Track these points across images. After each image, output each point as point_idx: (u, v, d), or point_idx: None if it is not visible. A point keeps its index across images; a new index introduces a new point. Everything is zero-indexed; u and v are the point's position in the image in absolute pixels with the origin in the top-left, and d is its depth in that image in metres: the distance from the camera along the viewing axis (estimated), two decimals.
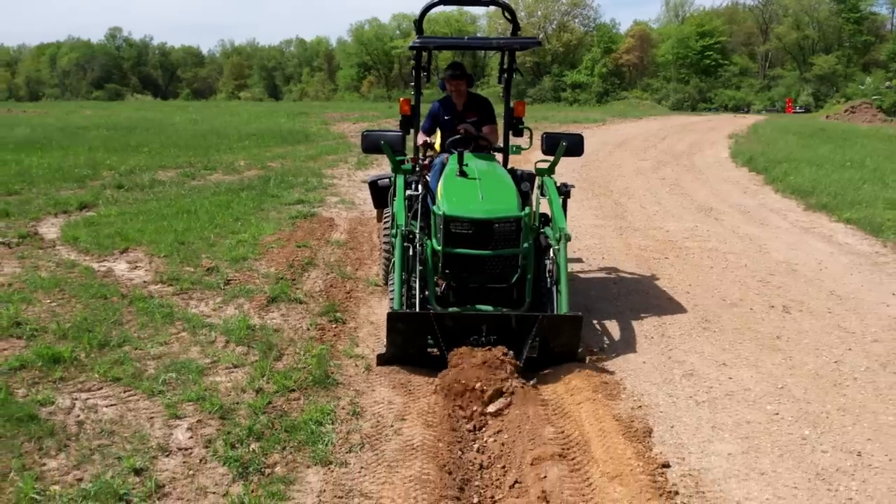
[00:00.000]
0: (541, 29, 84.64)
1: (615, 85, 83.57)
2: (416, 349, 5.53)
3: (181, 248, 8.78)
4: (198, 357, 5.79)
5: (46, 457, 4.30)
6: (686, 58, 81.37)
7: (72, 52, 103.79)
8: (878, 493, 4.11)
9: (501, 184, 6.24)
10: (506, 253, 5.82)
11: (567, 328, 5.46)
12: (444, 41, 7.20)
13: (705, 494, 4.11)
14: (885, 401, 5.27)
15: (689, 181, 16.23)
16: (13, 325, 6.19)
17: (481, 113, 7.33)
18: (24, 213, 10.85)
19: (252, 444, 4.51)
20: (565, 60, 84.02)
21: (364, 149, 6.93)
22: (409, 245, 5.94)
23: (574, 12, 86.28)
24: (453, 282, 6.00)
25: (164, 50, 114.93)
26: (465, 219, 5.77)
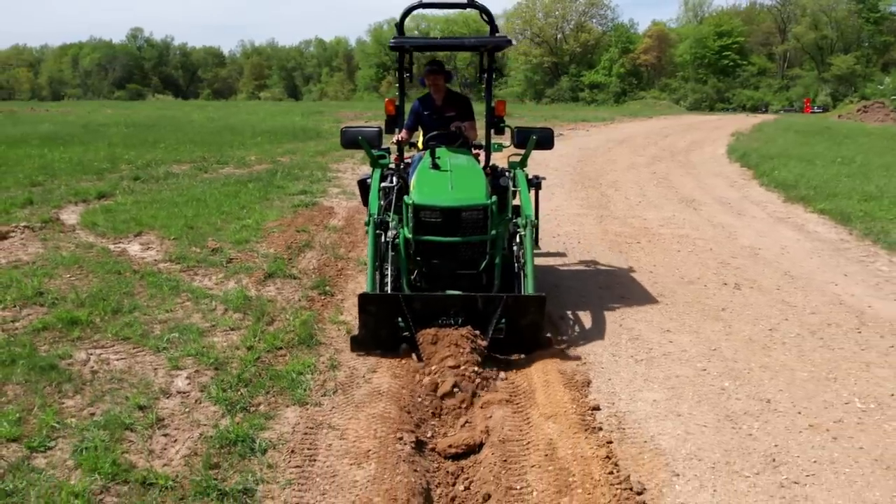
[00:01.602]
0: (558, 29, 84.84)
1: (633, 85, 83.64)
2: (387, 331, 5.76)
3: (190, 232, 9.55)
4: (199, 321, 6.53)
5: (65, 397, 5.04)
6: (704, 58, 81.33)
7: (94, 52, 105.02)
8: (774, 431, 4.78)
9: (471, 175, 6.40)
10: (474, 240, 6.05)
11: (531, 308, 5.67)
12: (419, 41, 7.50)
13: (625, 430, 4.81)
14: (804, 361, 5.93)
15: (678, 175, 16.86)
16: (36, 295, 6.98)
17: (460, 109, 7.49)
18: (46, 201, 11.69)
19: (241, 389, 5.24)
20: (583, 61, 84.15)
21: (342, 144, 7.18)
22: (382, 233, 6.26)
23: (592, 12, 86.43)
24: (425, 268, 6.23)
25: (184, 50, 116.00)
26: (434, 207, 5.98)
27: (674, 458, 4.46)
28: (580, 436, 4.65)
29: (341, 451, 4.51)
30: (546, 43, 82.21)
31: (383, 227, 6.32)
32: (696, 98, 79.57)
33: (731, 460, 4.43)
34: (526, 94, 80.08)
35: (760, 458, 4.45)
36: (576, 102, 74.75)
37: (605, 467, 4.26)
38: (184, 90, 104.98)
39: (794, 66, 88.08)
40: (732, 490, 4.12)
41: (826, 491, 4.11)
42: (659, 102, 77.68)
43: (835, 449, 4.56)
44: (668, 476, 4.27)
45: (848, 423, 4.90)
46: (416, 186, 6.26)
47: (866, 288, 7.98)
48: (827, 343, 6.31)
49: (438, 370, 5.30)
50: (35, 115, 40.49)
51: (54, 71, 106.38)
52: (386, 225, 6.33)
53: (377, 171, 6.95)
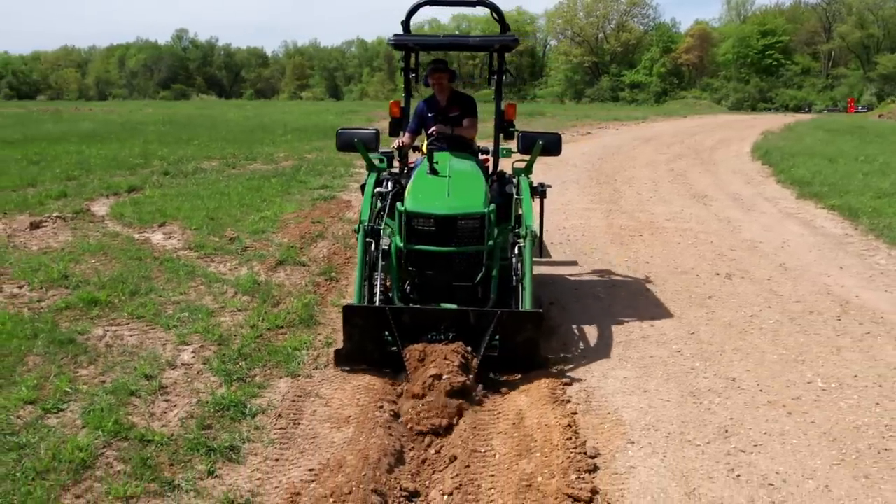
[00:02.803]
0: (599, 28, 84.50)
1: (674, 85, 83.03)
2: (373, 345, 5.44)
3: (210, 223, 10.05)
4: (209, 303, 6.99)
5: (80, 367, 5.51)
6: (747, 57, 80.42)
7: (140, 53, 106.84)
8: (733, 406, 5.09)
9: (470, 181, 6.12)
10: (469, 250, 5.73)
11: (527, 325, 5.37)
12: (422, 39, 7.10)
13: (591, 403, 5.14)
14: (777, 344, 6.20)
15: (696, 172, 17.04)
16: (62, 278, 7.49)
17: (464, 107, 7.15)
18: (80, 194, 12.30)
19: (240, 363, 5.66)
20: (624, 60, 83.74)
21: (338, 147, 6.82)
22: (372, 241, 5.97)
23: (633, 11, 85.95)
24: (417, 279, 5.91)
25: (228, 51, 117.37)
26: (427, 214, 5.69)
27: (632, 428, 4.79)
28: (548, 407, 5.00)
29: (324, 416, 4.92)
30: (587, 42, 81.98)
31: (374, 234, 6.00)
32: (738, 98, 78.65)
33: (686, 431, 4.74)
34: (566, 94, 79.94)
35: (714, 430, 4.75)
36: (616, 102, 74.32)
37: (565, 434, 4.60)
38: (227, 90, 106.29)
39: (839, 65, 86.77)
40: (681, 456, 4.43)
41: (769, 459, 4.40)
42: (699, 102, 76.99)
43: (787, 423, 4.85)
44: (624, 443, 4.60)
45: (806, 400, 5.18)
46: (411, 192, 5.97)
47: (859, 280, 8.18)
48: (804, 329, 6.57)
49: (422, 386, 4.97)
50: (78, 115, 41.68)
51: (101, 71, 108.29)
52: (377, 233, 6.00)
53: (372, 176, 6.62)
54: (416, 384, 4.98)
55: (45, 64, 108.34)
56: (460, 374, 4.96)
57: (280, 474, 4.24)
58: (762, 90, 78.94)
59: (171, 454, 4.33)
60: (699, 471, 4.28)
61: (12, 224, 10.06)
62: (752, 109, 73.22)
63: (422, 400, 4.88)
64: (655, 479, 4.20)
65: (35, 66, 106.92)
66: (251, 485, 4.12)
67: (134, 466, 4.15)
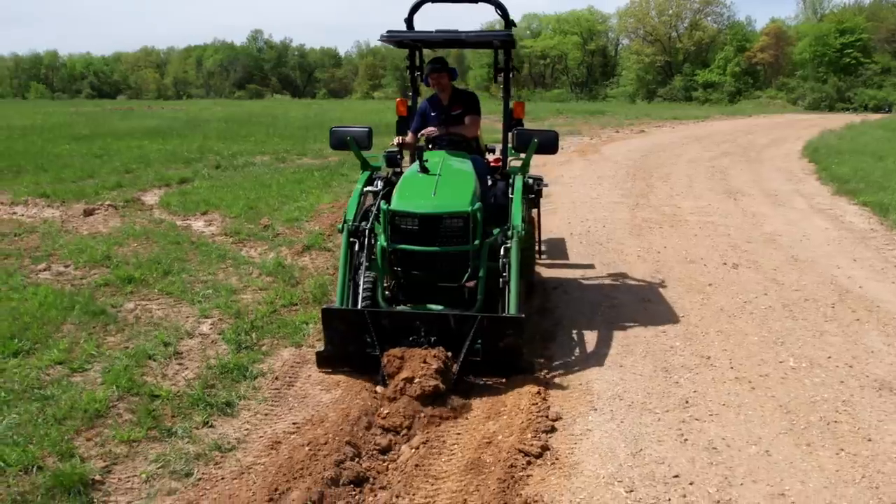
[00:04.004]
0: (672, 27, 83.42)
1: (748, 84, 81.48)
2: (355, 348, 5.39)
3: (249, 212, 10.66)
4: (234, 282, 7.55)
5: (108, 335, 6.10)
6: (824, 56, 78.26)
7: (216, 53, 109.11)
8: (700, 381, 5.39)
9: (459, 180, 5.96)
10: (454, 250, 5.59)
11: (509, 330, 5.24)
12: (414, 35, 6.86)
13: (566, 375, 5.51)
14: (762, 328, 6.45)
15: (738, 169, 17.04)
16: (104, 259, 8.16)
17: (466, 106, 7.00)
18: (134, 185, 13.12)
19: (252, 333, 6.19)
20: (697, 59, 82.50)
21: (331, 145, 6.71)
22: (356, 241, 5.91)
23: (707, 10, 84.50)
24: (404, 279, 5.80)
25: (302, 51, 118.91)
26: (409, 213, 5.58)
27: (599, 397, 5.14)
28: (525, 376, 5.37)
29: (317, 380, 5.41)
30: (659, 41, 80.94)
31: (358, 234, 5.94)
32: (815, 98, 76.54)
33: (649, 401, 5.07)
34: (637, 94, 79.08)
35: (675, 401, 5.08)
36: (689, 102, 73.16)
37: (533, 400, 4.98)
38: (301, 90, 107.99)
39: None
40: (638, 422, 4.77)
41: (720, 426, 4.71)
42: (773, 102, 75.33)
43: (748, 396, 5.14)
44: (587, 410, 4.96)
45: (773, 377, 5.45)
46: (397, 191, 5.86)
47: (868, 272, 8.30)
48: (793, 314, 6.79)
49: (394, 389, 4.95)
50: (148, 113, 43.33)
51: (179, 72, 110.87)
52: (362, 232, 5.93)
53: (364, 175, 6.54)
54: (389, 388, 4.98)
55: (125, 65, 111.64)
56: (433, 378, 4.89)
57: (266, 426, 4.74)
58: (840, 90, 76.69)
59: (174, 408, 4.86)
60: (650, 435, 4.61)
61: (68, 211, 10.87)
62: (830, 109, 71.25)
63: (392, 403, 4.86)
64: (607, 440, 4.55)
65: (116, 67, 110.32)
66: (239, 434, 4.62)
67: (140, 416, 4.69)
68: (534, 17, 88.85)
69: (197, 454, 4.33)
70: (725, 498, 3.93)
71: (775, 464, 4.27)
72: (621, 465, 4.26)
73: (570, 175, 15.86)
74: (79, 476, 3.96)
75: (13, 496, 3.79)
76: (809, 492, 3.99)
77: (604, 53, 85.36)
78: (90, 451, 4.32)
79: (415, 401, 4.84)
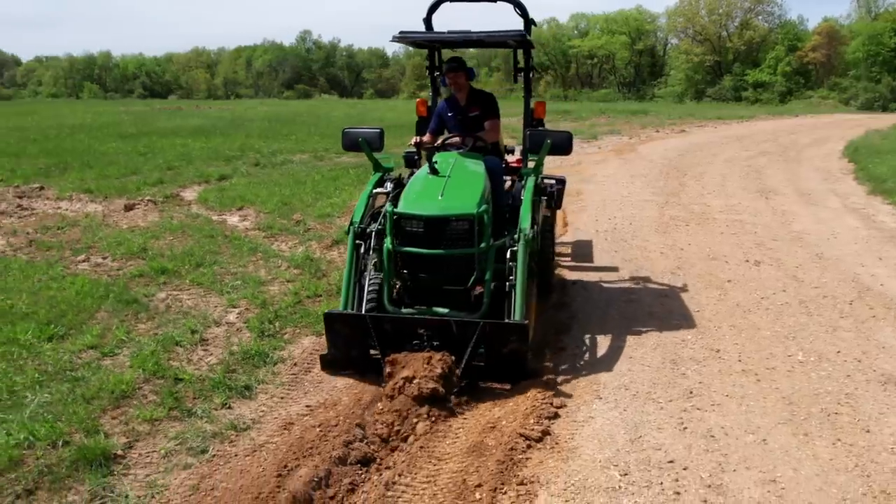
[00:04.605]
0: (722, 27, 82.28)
1: (799, 84, 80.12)
2: (358, 352, 5.38)
3: (283, 207, 10.96)
4: (263, 274, 7.82)
5: (139, 322, 6.40)
6: (878, 55, 76.57)
7: (266, 54, 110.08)
8: (707, 373, 5.50)
9: (468, 182, 5.86)
10: (459, 253, 5.49)
11: (512, 336, 5.15)
12: (422, 36, 6.81)
13: (576, 364, 5.66)
14: (775, 323, 6.52)
15: (775, 169, 16.92)
16: (141, 251, 8.51)
17: (484, 107, 6.87)
18: (174, 181, 13.55)
19: (276, 322, 6.44)
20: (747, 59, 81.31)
21: (343, 146, 6.60)
22: (362, 243, 5.86)
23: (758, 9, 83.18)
24: (410, 282, 5.71)
25: (350, 52, 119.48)
26: (414, 216, 5.50)
27: (605, 387, 5.27)
28: None
29: None
30: (708, 41, 79.89)
31: (364, 237, 5.89)
32: (868, 98, 74.88)
33: (654, 391, 5.20)
34: (686, 94, 78.09)
35: (680, 391, 5.19)
36: (738, 102, 72.10)
37: (539, 388, 5.15)
38: (349, 90, 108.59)
39: None
40: (640, 411, 4.90)
41: (721, 416, 4.82)
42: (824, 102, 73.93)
43: (752, 388, 5.24)
44: (592, 398, 5.10)
45: (780, 370, 5.53)
46: (405, 193, 5.83)
47: (892, 270, 8.25)
48: (809, 310, 6.84)
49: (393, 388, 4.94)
50: (196, 112, 44.13)
51: (229, 72, 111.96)
52: (368, 235, 5.89)
53: (375, 176, 6.51)
54: (388, 385, 4.98)
55: (176, 65, 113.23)
56: (434, 381, 4.84)
57: (281, 409, 4.97)
58: (894, 90, 75.11)
59: (196, 390, 5.12)
60: (651, 423, 4.74)
61: (110, 206, 11.29)
62: (883, 110, 69.65)
63: (389, 402, 4.87)
64: (608, 427, 4.69)
65: (167, 67, 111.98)
66: (255, 415, 4.86)
67: (163, 398, 4.96)
68: (581, 16, 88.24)
69: (213, 433, 4.58)
70: (717, 483, 4.05)
71: (770, 452, 4.37)
72: (619, 450, 4.40)
73: (604, 174, 15.92)
74: (102, 450, 4.23)
75: (40, 467, 4.06)
76: (801, 478, 4.09)
77: (652, 53, 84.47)
78: (114, 428, 4.58)
79: (412, 401, 4.81)
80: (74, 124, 29.37)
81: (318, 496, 3.90)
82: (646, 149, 21.56)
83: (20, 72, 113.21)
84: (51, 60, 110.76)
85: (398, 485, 4.07)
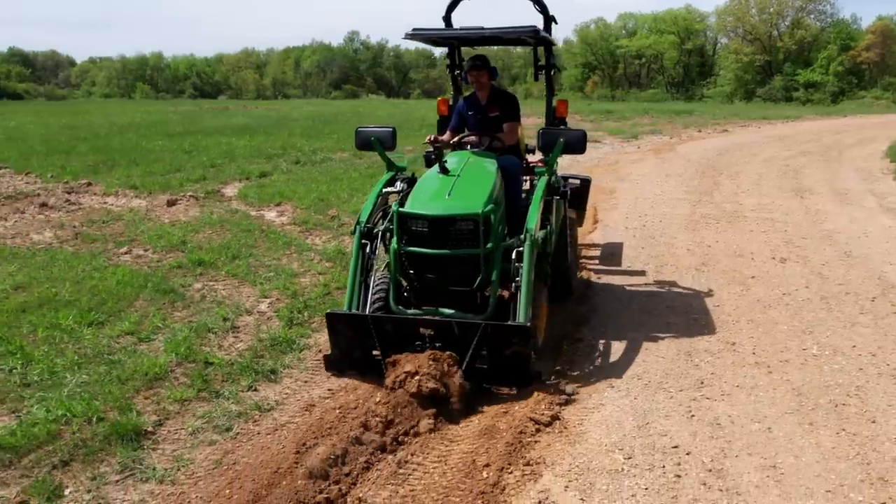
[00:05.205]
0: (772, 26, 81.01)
1: (852, 84, 78.69)
2: (361, 352, 5.34)
3: (319, 203, 11.25)
4: (296, 267, 8.09)
5: (175, 310, 6.70)
6: None
7: (314, 54, 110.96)
8: (720, 364, 5.61)
9: (477, 181, 5.75)
10: (464, 253, 5.39)
11: (514, 339, 5.05)
12: (435, 33, 6.70)
13: (591, 355, 5.81)
14: (794, 318, 6.59)
15: (813, 168, 16.78)
16: (180, 244, 8.85)
17: (504, 108, 6.75)
18: (217, 178, 13.95)
19: (304, 312, 6.69)
20: (798, 58, 79.99)
21: (357, 145, 6.53)
22: (368, 243, 5.85)
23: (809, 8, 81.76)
24: (417, 282, 5.62)
25: (397, 52, 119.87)
26: (419, 216, 5.42)
27: (618, 376, 5.43)
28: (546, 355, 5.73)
29: None
30: (759, 40, 78.73)
31: (371, 236, 5.90)
32: None
33: (666, 381, 5.33)
34: (735, 94, 77.08)
35: (691, 381, 5.32)
36: (789, 102, 70.98)
37: (553, 376, 5.33)
38: (396, 90, 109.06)
39: None
40: (651, 399, 5.05)
41: (729, 406, 4.94)
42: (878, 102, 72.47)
43: (763, 379, 5.34)
44: (605, 387, 5.25)
45: (793, 363, 5.62)
46: (413, 193, 5.79)
47: None
48: (829, 306, 6.89)
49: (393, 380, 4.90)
50: (242, 111, 44.90)
51: (278, 72, 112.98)
52: (375, 234, 5.93)
53: (386, 175, 6.51)
54: (389, 377, 4.94)
55: (226, 66, 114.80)
56: (436, 380, 4.80)
57: (304, 392, 5.22)
58: None
59: (224, 373, 5.39)
60: (659, 411, 4.88)
61: (153, 201, 11.70)
62: None
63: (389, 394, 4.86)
64: (617, 414, 4.84)
65: (217, 68, 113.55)
66: (279, 397, 5.12)
67: (193, 380, 5.23)
68: (629, 16, 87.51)
69: (239, 413, 4.84)
70: (717, 467, 4.18)
71: (774, 440, 4.48)
72: (625, 435, 4.55)
73: (640, 173, 15.97)
74: (133, 427, 4.51)
75: (76, 441, 4.35)
76: (801, 465, 4.20)
77: (701, 53, 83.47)
78: (146, 407, 4.87)
79: (410, 397, 4.77)
80: (124, 123, 30.15)
81: (333, 472, 4.11)
82: (685, 148, 21.50)
83: (74, 72, 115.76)
84: (104, 61, 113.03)
85: (410, 463, 4.27)
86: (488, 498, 3.91)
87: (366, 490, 4.01)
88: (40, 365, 5.34)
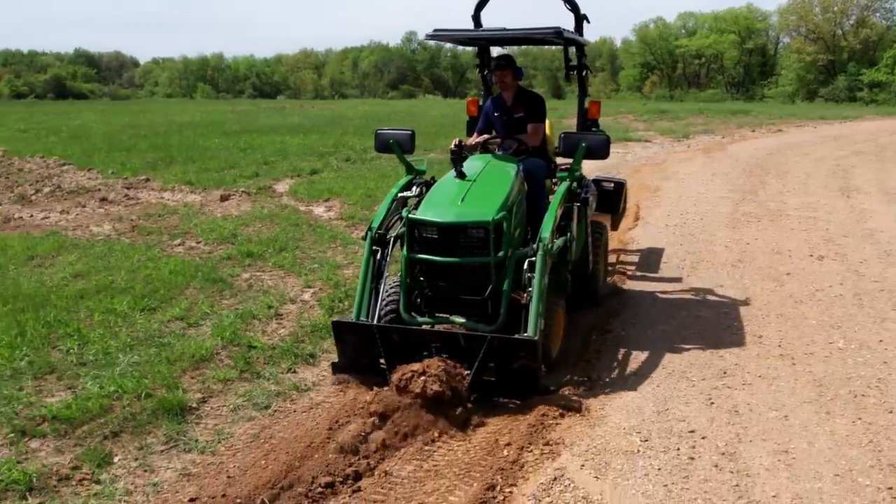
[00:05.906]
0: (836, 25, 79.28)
1: None
2: (368, 361, 5.20)
3: (366, 199, 11.57)
4: (340, 259, 8.41)
5: (223, 298, 7.06)
6: None
7: (371, 55, 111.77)
8: (745, 355, 5.74)
9: (492, 187, 5.58)
10: (474, 261, 5.24)
11: (521, 352, 4.89)
12: (457, 34, 6.66)
13: (619, 345, 5.98)
14: (824, 313, 6.66)
15: (864, 169, 16.55)
16: (231, 237, 9.23)
17: (529, 109, 6.58)
18: (269, 175, 14.39)
19: (345, 301, 6.98)
20: (863, 58, 78.14)
21: (376, 148, 6.53)
22: (379, 249, 5.75)
23: (875, 6, 79.80)
24: (428, 290, 5.46)
25: (455, 52, 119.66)
26: (428, 223, 5.28)
27: (643, 365, 5.60)
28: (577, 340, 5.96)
29: None
30: (822, 39, 77.10)
31: (383, 242, 5.78)
32: None
33: (689, 370, 5.49)
34: (797, 94, 75.58)
35: (714, 371, 5.47)
36: (853, 102, 69.37)
37: (578, 363, 5.53)
38: (453, 90, 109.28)
39: None
40: (672, 387, 5.21)
41: (749, 394, 5.08)
42: None
43: (786, 370, 5.45)
44: (629, 374, 5.44)
45: (818, 355, 5.72)
46: (426, 198, 5.67)
47: None
48: (861, 302, 6.95)
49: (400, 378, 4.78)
50: (298, 111, 45.68)
51: (336, 73, 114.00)
52: (388, 240, 5.80)
53: (403, 179, 6.41)
54: (396, 374, 4.82)
55: (285, 66, 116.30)
56: (443, 383, 4.67)
57: None
58: None
59: (266, 356, 5.71)
60: (680, 398, 5.04)
61: (207, 196, 12.18)
62: None
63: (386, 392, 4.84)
64: (639, 400, 5.02)
65: (277, 69, 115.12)
66: (316, 378, 5.42)
67: (236, 361, 5.56)
68: (689, 15, 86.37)
69: (277, 392, 5.15)
70: (731, 451, 4.33)
71: (789, 427, 4.61)
72: (644, 419, 4.73)
73: (686, 171, 15.97)
74: (178, 402, 4.84)
75: (125, 414, 4.70)
76: (813, 451, 4.32)
77: (762, 52, 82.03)
78: (192, 385, 5.20)
79: (412, 397, 4.70)
80: (183, 122, 31.01)
81: (363, 448, 4.38)
82: (735, 148, 21.35)
83: (138, 73, 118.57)
84: (167, 62, 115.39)
85: (436, 441, 4.51)
86: (507, 474, 4.12)
87: (392, 465, 4.26)
88: (95, 346, 5.73)
